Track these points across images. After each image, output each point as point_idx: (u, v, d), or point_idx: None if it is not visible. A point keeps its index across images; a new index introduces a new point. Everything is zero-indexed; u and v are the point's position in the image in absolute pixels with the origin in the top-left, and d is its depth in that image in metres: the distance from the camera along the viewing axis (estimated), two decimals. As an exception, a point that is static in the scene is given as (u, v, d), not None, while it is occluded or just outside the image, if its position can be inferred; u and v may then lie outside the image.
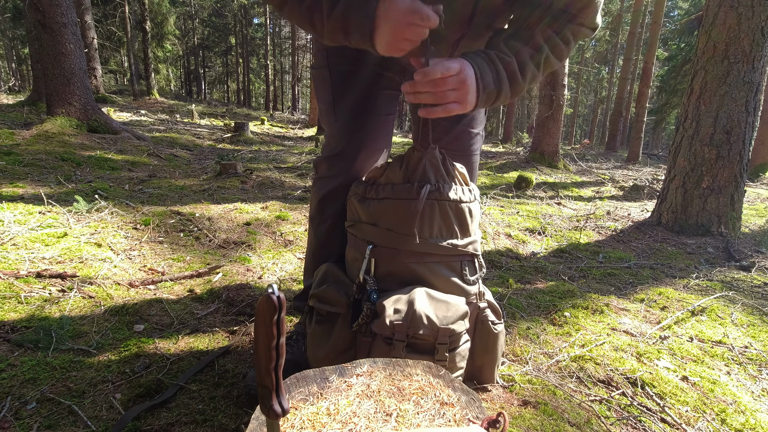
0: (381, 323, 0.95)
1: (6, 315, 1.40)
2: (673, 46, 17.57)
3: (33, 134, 4.61)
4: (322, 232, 1.26)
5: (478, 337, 1.12)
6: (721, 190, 3.30)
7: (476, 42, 1.02)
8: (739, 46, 3.15)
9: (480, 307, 1.11)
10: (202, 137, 7.25)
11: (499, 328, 1.13)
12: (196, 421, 1.03)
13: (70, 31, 4.97)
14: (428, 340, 0.96)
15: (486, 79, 0.89)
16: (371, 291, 1.01)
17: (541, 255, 2.71)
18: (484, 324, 1.11)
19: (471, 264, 1.10)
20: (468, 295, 1.08)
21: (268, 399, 0.54)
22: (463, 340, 1.03)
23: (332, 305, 1.07)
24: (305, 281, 1.35)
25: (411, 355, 0.96)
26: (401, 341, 0.94)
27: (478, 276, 1.13)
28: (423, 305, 0.96)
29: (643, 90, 11.20)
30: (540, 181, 5.87)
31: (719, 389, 1.31)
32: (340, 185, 1.19)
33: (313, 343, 1.10)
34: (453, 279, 1.06)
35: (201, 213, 2.72)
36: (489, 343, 1.13)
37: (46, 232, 2.09)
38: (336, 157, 1.19)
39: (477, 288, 1.11)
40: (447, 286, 1.05)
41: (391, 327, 0.94)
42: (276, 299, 0.49)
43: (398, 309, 0.95)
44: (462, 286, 1.07)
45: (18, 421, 0.99)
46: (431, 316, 0.95)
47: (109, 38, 16.56)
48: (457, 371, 1.03)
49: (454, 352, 1.01)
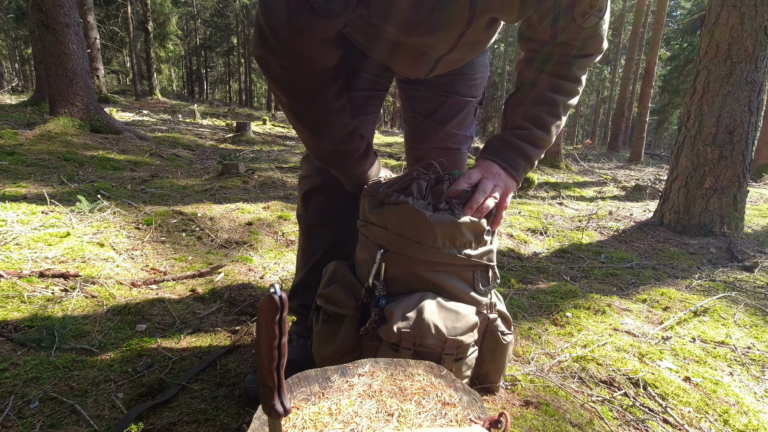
0: (388, 330, 0.94)
1: (9, 314, 1.41)
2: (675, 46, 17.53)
3: (36, 134, 4.63)
4: (307, 228, 1.30)
5: (486, 346, 1.09)
6: (723, 191, 3.29)
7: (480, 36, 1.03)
8: (741, 45, 3.14)
9: (490, 318, 1.08)
10: (204, 137, 7.26)
11: (508, 339, 1.11)
12: (198, 421, 1.03)
13: (73, 31, 4.98)
14: (435, 350, 0.94)
15: (514, 163, 0.98)
16: (380, 296, 0.99)
17: (542, 255, 2.71)
18: (494, 334, 1.09)
19: (484, 274, 1.07)
20: (479, 305, 1.05)
21: (270, 398, 0.54)
22: (471, 350, 1.01)
23: (339, 306, 1.06)
24: (295, 277, 1.38)
25: None
26: (408, 349, 0.93)
27: (491, 287, 1.09)
28: (432, 314, 0.94)
29: (645, 90, 11.17)
30: (542, 181, 5.86)
31: (722, 390, 1.31)
32: (322, 183, 1.22)
33: (319, 342, 1.10)
34: (464, 289, 1.04)
35: (203, 213, 2.73)
36: (497, 353, 1.11)
37: (49, 231, 2.10)
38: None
39: (489, 299, 1.09)
40: (458, 295, 1.03)
41: (398, 334, 0.93)
42: (278, 299, 0.50)
43: (407, 316, 0.94)
44: (473, 297, 1.04)
45: (21, 420, 0.99)
46: (439, 325, 0.93)
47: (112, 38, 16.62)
48: (463, 380, 1.00)
49: (461, 362, 0.99)
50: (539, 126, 0.98)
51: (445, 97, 1.24)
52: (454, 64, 1.14)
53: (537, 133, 0.99)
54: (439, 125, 1.28)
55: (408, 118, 1.35)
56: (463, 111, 1.28)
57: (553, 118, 1.00)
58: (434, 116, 1.27)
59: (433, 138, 1.29)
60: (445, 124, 1.27)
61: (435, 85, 1.23)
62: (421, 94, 1.27)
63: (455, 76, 1.22)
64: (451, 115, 1.27)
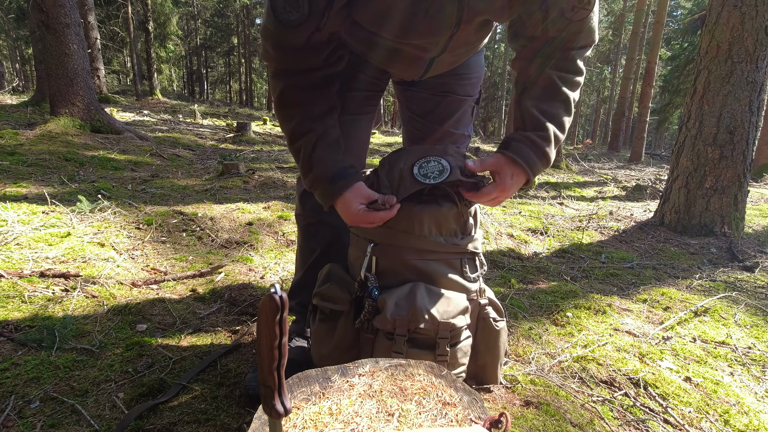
0: (382, 318, 0.97)
1: (10, 314, 1.41)
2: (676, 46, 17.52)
3: (36, 134, 4.63)
4: (305, 227, 1.31)
5: (480, 334, 1.13)
6: (724, 191, 3.29)
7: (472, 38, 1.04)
8: (742, 45, 3.14)
9: (481, 303, 1.12)
10: (205, 137, 7.26)
11: (500, 325, 1.14)
12: (198, 421, 1.03)
13: (74, 31, 4.99)
14: (429, 335, 0.97)
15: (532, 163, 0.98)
16: (372, 288, 1.01)
17: (543, 255, 2.71)
18: (486, 321, 1.12)
19: (471, 262, 1.12)
20: (469, 291, 1.09)
21: (271, 398, 0.54)
22: (465, 335, 1.03)
23: (335, 302, 1.08)
24: (294, 276, 1.39)
25: (412, 350, 0.96)
26: (402, 336, 0.96)
27: (479, 274, 1.14)
28: (423, 300, 0.97)
29: (645, 90, 11.16)
30: (542, 181, 5.85)
31: (722, 390, 1.31)
32: None
33: (317, 341, 1.11)
34: (453, 276, 1.07)
35: (203, 213, 2.73)
36: (491, 341, 1.14)
37: (50, 231, 2.10)
38: None
39: (478, 285, 1.12)
40: (448, 282, 1.06)
41: (392, 322, 0.96)
42: (278, 299, 0.50)
43: (399, 304, 0.97)
44: (463, 284, 1.08)
45: (22, 420, 0.99)
46: (432, 310, 0.97)
47: (112, 39, 16.62)
48: (459, 367, 1.03)
49: (456, 348, 1.01)
50: (557, 124, 0.99)
51: (442, 96, 1.25)
52: (449, 65, 1.15)
53: (555, 131, 0.99)
54: (437, 125, 1.29)
55: (405, 119, 1.37)
56: (460, 110, 1.28)
57: (566, 114, 1.01)
58: (431, 116, 1.28)
59: (431, 138, 1.30)
60: (442, 124, 1.29)
61: (431, 86, 1.24)
62: (418, 95, 1.28)
63: (451, 76, 1.23)
64: (448, 115, 1.28)
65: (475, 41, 1.08)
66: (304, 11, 0.84)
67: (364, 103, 1.22)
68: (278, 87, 0.99)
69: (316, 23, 0.87)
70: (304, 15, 0.85)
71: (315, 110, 1.00)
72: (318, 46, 0.94)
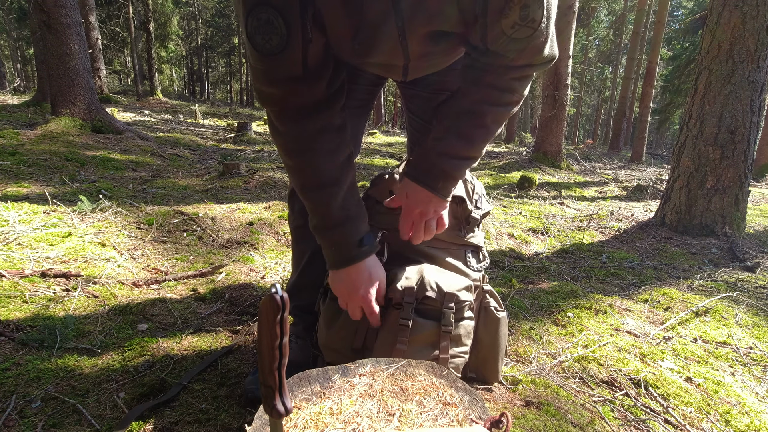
0: (393, 288, 1.04)
1: (11, 314, 1.41)
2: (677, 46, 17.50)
3: (38, 134, 4.64)
4: (295, 229, 1.32)
5: (481, 323, 1.18)
6: (725, 190, 3.28)
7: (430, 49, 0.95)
8: (743, 45, 3.13)
9: (484, 289, 1.19)
10: (206, 137, 7.27)
11: (501, 314, 1.20)
12: (199, 421, 1.03)
13: (75, 31, 4.99)
14: (435, 306, 1.04)
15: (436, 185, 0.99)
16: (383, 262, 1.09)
17: (544, 255, 2.71)
18: (487, 310, 1.19)
19: (475, 254, 1.22)
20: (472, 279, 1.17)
21: (272, 398, 0.54)
22: (468, 314, 1.10)
23: None
24: (290, 279, 1.39)
25: (419, 319, 1.03)
26: (410, 303, 1.03)
27: (482, 266, 1.23)
28: (431, 275, 1.07)
29: (646, 90, 11.14)
30: (543, 181, 5.85)
31: (723, 390, 1.31)
32: None
33: (327, 319, 1.13)
34: (458, 265, 1.18)
35: (204, 213, 2.73)
36: (492, 329, 1.19)
37: (51, 231, 2.11)
38: None
39: (480, 276, 1.21)
40: (452, 269, 1.16)
41: (402, 291, 1.03)
42: (279, 299, 0.50)
43: (408, 277, 1.07)
44: (466, 271, 1.18)
45: (23, 420, 0.99)
46: (439, 282, 1.06)
47: (113, 39, 16.65)
48: (462, 347, 1.08)
49: (460, 326, 1.07)
50: (465, 138, 0.97)
51: (440, 95, 1.24)
52: (429, 68, 1.09)
53: (456, 144, 0.97)
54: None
55: (406, 119, 1.37)
56: None
57: (478, 129, 0.97)
58: (430, 115, 1.26)
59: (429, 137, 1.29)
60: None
61: (428, 84, 1.21)
62: (418, 94, 1.25)
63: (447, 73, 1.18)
64: None
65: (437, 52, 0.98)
66: (282, 30, 0.78)
67: (366, 91, 1.23)
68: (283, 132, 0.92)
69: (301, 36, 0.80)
70: (283, 35, 0.78)
71: (336, 158, 0.95)
72: (316, 70, 0.87)
